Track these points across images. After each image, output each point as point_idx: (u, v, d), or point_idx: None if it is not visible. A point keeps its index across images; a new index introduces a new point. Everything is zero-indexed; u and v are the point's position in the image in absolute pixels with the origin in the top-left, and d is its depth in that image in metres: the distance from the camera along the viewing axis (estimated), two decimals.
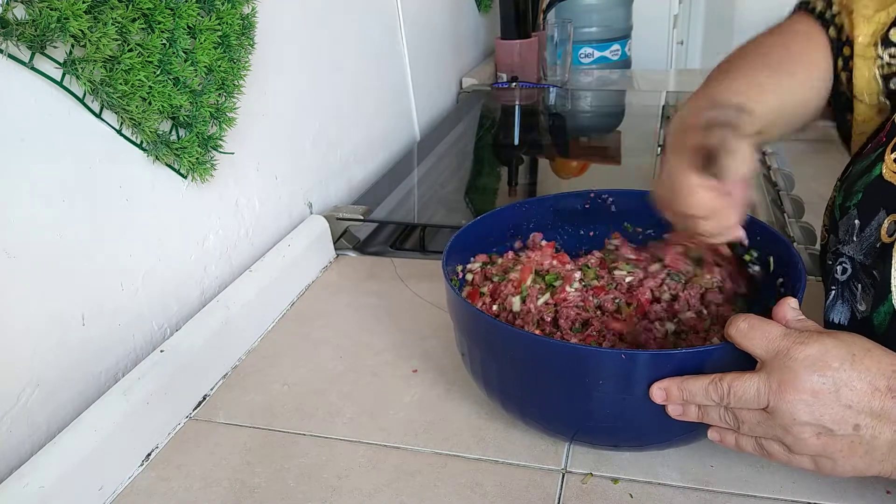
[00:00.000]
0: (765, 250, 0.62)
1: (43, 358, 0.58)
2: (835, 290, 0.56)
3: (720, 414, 0.47)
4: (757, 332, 0.45)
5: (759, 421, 0.45)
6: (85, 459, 0.54)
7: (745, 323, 0.46)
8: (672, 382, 0.47)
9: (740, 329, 0.46)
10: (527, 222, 0.72)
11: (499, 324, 0.54)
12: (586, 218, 0.73)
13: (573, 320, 0.60)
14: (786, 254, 0.58)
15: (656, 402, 0.47)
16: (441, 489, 0.55)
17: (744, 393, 0.44)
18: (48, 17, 0.52)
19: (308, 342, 0.76)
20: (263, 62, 0.84)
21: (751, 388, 0.44)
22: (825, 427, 0.43)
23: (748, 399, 0.44)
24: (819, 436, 0.43)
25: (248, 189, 0.84)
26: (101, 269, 0.63)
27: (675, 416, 0.48)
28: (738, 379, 0.45)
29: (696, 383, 0.46)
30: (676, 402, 0.47)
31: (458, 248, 0.66)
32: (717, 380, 0.45)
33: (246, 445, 0.62)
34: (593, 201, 0.72)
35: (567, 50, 1.70)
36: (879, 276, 0.50)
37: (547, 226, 0.72)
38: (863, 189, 0.54)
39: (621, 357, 0.47)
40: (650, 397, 0.47)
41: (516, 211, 0.71)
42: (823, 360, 0.43)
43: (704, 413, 0.47)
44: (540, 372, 0.51)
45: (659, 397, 0.47)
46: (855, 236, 0.54)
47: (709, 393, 0.46)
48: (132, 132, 0.64)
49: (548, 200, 0.72)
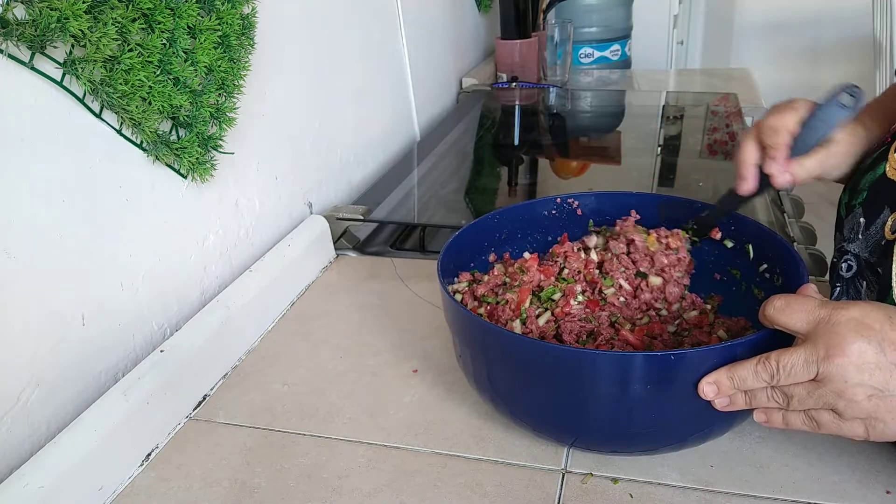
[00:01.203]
0: (741, 239, 0.63)
1: (43, 358, 0.58)
2: (840, 287, 0.57)
3: (768, 394, 0.47)
4: (796, 305, 0.46)
5: (808, 392, 0.45)
6: (85, 459, 0.54)
7: (782, 300, 0.46)
8: (720, 374, 0.47)
9: (777, 307, 0.46)
10: (499, 232, 0.72)
11: (499, 329, 0.54)
12: (554, 223, 0.73)
13: (577, 333, 0.60)
14: (787, 256, 0.58)
15: (706, 398, 0.47)
16: (441, 489, 0.55)
17: (793, 366, 0.44)
18: (48, 17, 0.52)
19: (308, 342, 0.76)
20: (263, 62, 0.84)
21: (798, 359, 0.44)
22: (875, 388, 0.43)
23: (797, 371, 0.44)
24: (870, 398, 0.43)
25: (248, 189, 0.84)
26: (101, 269, 0.63)
27: (721, 408, 0.48)
28: (785, 354, 0.45)
29: (744, 368, 0.46)
30: (727, 393, 0.47)
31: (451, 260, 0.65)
32: (764, 360, 0.46)
33: (246, 445, 0.62)
34: (559, 206, 0.72)
35: (567, 50, 1.70)
36: (883, 273, 0.51)
37: (517, 235, 0.73)
38: (867, 187, 0.55)
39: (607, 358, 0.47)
40: (700, 394, 0.47)
41: (488, 222, 0.71)
42: (865, 322, 0.43)
43: (752, 398, 0.47)
44: (539, 377, 0.51)
45: (710, 392, 0.47)
46: (860, 234, 0.55)
47: (759, 374, 0.46)
48: (132, 132, 0.64)
49: (516, 210, 0.72)
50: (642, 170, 1.21)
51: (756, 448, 0.57)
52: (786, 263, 0.58)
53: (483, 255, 0.71)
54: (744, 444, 0.57)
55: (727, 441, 0.57)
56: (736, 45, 2.88)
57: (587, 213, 0.72)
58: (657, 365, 0.47)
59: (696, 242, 0.67)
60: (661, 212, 0.69)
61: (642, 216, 0.70)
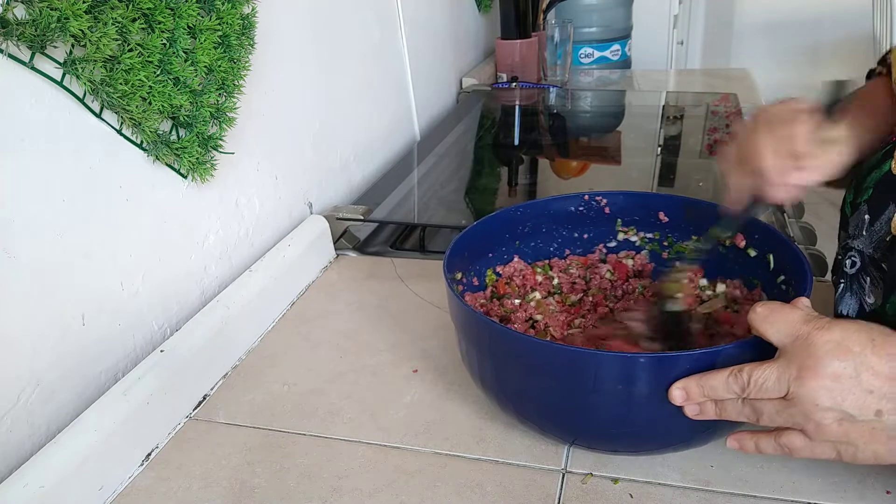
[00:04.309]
0: (766, 249, 0.62)
1: (43, 358, 0.58)
2: (844, 283, 0.57)
3: (739, 407, 0.46)
4: (777, 315, 0.45)
5: (778, 410, 0.44)
6: (85, 459, 0.54)
7: (765, 308, 0.45)
8: (690, 381, 0.46)
9: (759, 314, 0.45)
10: (522, 226, 0.72)
11: (502, 328, 0.54)
12: (581, 220, 0.73)
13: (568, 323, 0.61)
14: (791, 256, 0.58)
15: (675, 403, 0.47)
16: (441, 489, 0.55)
17: (764, 381, 0.44)
18: (48, 17, 0.52)
19: (308, 342, 0.76)
20: (263, 62, 0.84)
21: (771, 375, 0.44)
22: (847, 413, 0.42)
23: (769, 387, 0.44)
24: (841, 422, 0.42)
25: (248, 189, 0.84)
26: (101, 269, 0.63)
27: (692, 415, 0.47)
28: (758, 368, 0.44)
29: (715, 377, 0.46)
30: (696, 401, 0.47)
31: (458, 254, 0.65)
32: (737, 371, 0.45)
33: (246, 445, 0.62)
34: (587, 204, 0.72)
35: (567, 50, 1.70)
36: (888, 268, 0.51)
37: (541, 230, 0.73)
38: (873, 185, 0.55)
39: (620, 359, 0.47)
40: (669, 399, 0.47)
41: (511, 214, 0.71)
42: (845, 345, 0.42)
43: (722, 409, 0.47)
44: (540, 376, 0.51)
45: (679, 398, 0.47)
46: (864, 230, 0.55)
47: (729, 385, 0.45)
48: (132, 132, 0.64)
49: (542, 203, 0.72)
50: (642, 170, 1.21)
51: None
52: (798, 277, 0.57)
53: (504, 247, 0.71)
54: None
55: None
56: (736, 45, 2.88)
57: (615, 211, 0.72)
58: (612, 366, 0.47)
59: (723, 245, 0.66)
60: (688, 214, 0.69)
61: (670, 218, 0.70)
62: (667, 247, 0.71)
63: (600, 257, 0.73)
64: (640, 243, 0.72)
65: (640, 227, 0.72)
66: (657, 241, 0.72)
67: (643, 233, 0.72)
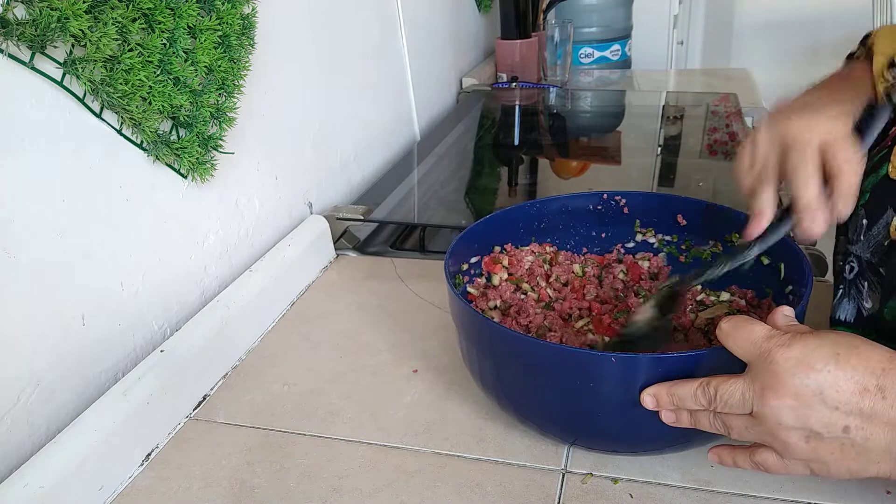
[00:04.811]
0: (778, 258, 0.61)
1: (43, 358, 0.58)
2: (842, 289, 0.57)
3: (710, 419, 0.46)
4: (740, 333, 0.44)
5: (746, 426, 0.44)
6: (85, 459, 0.54)
7: (729, 324, 0.44)
8: (661, 388, 0.46)
9: (723, 330, 0.45)
10: (538, 222, 0.72)
11: (502, 328, 0.54)
12: (599, 219, 0.73)
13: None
14: (794, 259, 0.58)
15: (648, 408, 0.47)
16: (441, 489, 0.55)
17: (730, 397, 0.43)
18: (48, 17, 0.52)
19: (308, 342, 0.76)
20: (263, 62, 0.84)
21: (736, 392, 0.43)
22: (813, 431, 0.41)
23: (734, 403, 0.43)
24: (808, 440, 0.42)
25: (248, 189, 0.84)
26: (101, 269, 0.63)
27: (668, 422, 0.47)
28: (724, 383, 0.44)
29: (684, 388, 0.45)
30: (667, 408, 0.47)
31: (464, 247, 0.66)
32: (705, 384, 0.45)
33: (246, 445, 0.62)
34: (606, 203, 0.72)
35: (567, 50, 1.70)
36: (886, 273, 0.51)
37: (558, 226, 0.73)
38: (870, 189, 0.55)
39: (611, 360, 0.47)
40: (641, 404, 0.47)
41: (527, 210, 0.71)
42: (806, 362, 0.41)
43: (696, 419, 0.47)
44: (540, 376, 0.51)
45: (650, 403, 0.47)
46: (862, 235, 0.55)
47: (697, 397, 0.45)
48: (132, 132, 0.64)
49: (558, 200, 0.72)
50: (642, 170, 1.21)
51: None
52: (798, 277, 0.57)
53: (518, 243, 0.71)
54: (744, 444, 0.57)
55: (727, 441, 0.57)
56: (736, 45, 2.88)
57: (633, 212, 0.72)
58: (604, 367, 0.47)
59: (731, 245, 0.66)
60: (706, 218, 0.69)
61: (688, 221, 0.69)
62: (684, 251, 0.71)
63: (617, 257, 0.73)
64: (658, 245, 0.72)
65: (659, 228, 0.72)
66: (675, 244, 0.71)
67: (661, 235, 0.72)
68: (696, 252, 0.70)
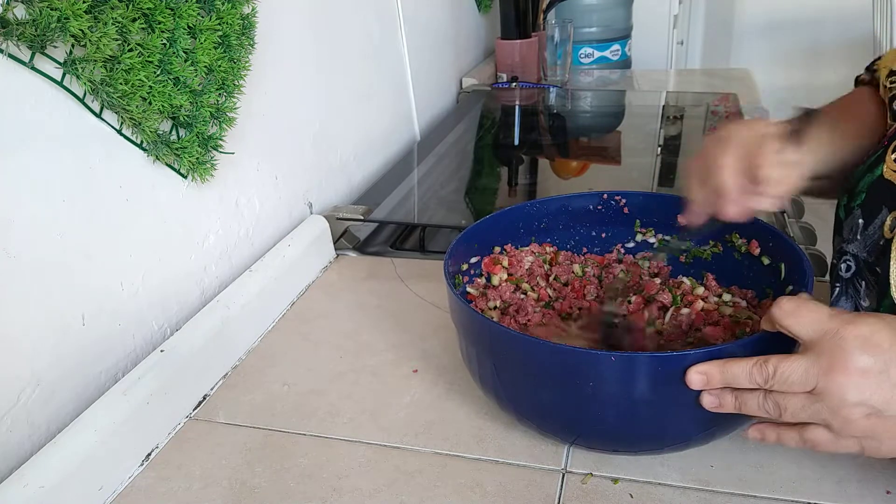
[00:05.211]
0: (778, 258, 0.61)
1: (43, 358, 0.58)
2: (839, 287, 0.57)
3: (759, 402, 0.45)
4: (804, 311, 0.44)
5: (803, 405, 0.44)
6: (85, 459, 0.54)
7: (792, 304, 0.45)
8: (712, 366, 0.45)
9: (786, 310, 0.45)
10: (538, 222, 0.72)
11: (502, 328, 0.54)
12: (599, 219, 0.73)
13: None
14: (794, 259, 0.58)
15: (694, 387, 0.46)
16: (441, 489, 0.55)
17: (791, 374, 0.43)
18: (48, 17, 0.52)
19: (308, 342, 0.76)
20: (263, 62, 0.84)
21: (798, 369, 0.43)
22: (875, 407, 0.42)
23: (794, 381, 0.43)
24: (868, 416, 0.42)
25: (248, 189, 0.84)
26: (101, 269, 0.63)
27: (709, 407, 0.47)
28: (785, 360, 0.44)
29: (738, 366, 0.45)
30: (715, 387, 0.46)
31: (464, 247, 0.66)
32: (762, 362, 0.44)
33: (246, 445, 0.62)
34: (606, 203, 0.72)
35: (567, 50, 1.70)
36: (881, 272, 0.51)
37: (558, 226, 0.73)
38: (866, 189, 0.55)
39: (611, 360, 0.47)
40: (687, 383, 0.46)
41: (527, 210, 0.71)
42: (873, 340, 0.42)
43: (742, 402, 0.46)
44: (540, 376, 0.51)
45: (698, 382, 0.46)
46: (859, 234, 0.55)
47: (752, 376, 0.44)
48: (132, 132, 0.64)
49: (558, 200, 0.72)
50: (642, 170, 1.21)
51: (756, 448, 0.56)
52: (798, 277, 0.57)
53: (518, 243, 0.71)
54: (744, 444, 0.57)
55: (727, 441, 0.57)
56: (736, 45, 2.88)
57: (633, 212, 0.72)
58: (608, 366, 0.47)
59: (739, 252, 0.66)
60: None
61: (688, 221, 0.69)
62: (684, 250, 0.71)
63: (617, 257, 0.73)
64: (658, 245, 0.72)
65: (659, 228, 0.72)
66: (675, 244, 0.71)
67: (661, 235, 0.72)
68: (697, 252, 0.70)
